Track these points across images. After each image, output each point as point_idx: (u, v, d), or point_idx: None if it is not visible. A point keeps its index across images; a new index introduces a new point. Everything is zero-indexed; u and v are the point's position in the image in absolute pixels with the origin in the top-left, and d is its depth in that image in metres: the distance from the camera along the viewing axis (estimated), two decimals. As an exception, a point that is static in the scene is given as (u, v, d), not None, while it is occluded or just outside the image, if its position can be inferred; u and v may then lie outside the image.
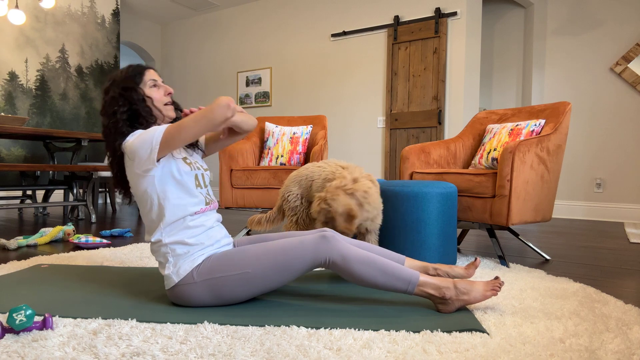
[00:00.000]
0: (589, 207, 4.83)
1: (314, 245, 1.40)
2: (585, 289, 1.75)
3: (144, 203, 1.46)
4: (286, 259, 1.40)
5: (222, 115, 1.38)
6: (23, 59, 4.94)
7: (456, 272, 1.69)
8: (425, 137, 4.92)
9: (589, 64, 4.86)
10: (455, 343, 1.16)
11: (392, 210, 2.11)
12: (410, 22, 5.00)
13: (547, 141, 2.32)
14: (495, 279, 1.46)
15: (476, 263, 1.70)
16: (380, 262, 1.40)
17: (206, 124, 1.38)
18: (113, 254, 2.36)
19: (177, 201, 1.43)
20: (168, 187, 1.43)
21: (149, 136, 1.39)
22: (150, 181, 1.42)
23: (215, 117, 1.37)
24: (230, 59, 6.59)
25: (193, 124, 1.37)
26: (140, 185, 1.44)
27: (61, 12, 5.29)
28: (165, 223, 1.43)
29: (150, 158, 1.38)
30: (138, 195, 1.47)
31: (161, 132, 1.38)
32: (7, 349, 1.09)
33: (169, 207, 1.42)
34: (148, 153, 1.38)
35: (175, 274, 1.41)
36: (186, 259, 1.42)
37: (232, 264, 1.40)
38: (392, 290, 1.40)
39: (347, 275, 1.40)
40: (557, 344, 1.17)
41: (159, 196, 1.42)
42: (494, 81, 5.55)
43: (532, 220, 2.32)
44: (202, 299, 1.41)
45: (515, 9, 5.38)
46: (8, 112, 4.80)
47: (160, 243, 1.43)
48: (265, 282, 1.41)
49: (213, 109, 1.38)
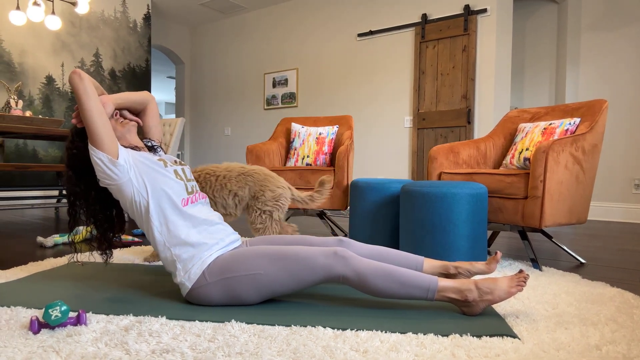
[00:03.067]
0: (627, 208, 4.64)
1: (326, 261, 1.38)
2: (622, 294, 1.68)
3: (136, 214, 1.50)
4: (298, 268, 1.39)
5: (73, 82, 1.43)
6: (59, 63, 5.13)
7: (477, 269, 1.63)
8: (453, 137, 4.83)
9: (626, 60, 4.67)
10: (485, 348, 1.13)
11: (420, 211, 2.08)
12: (439, 20, 4.92)
13: (582, 140, 2.24)
14: (520, 272, 1.39)
15: (497, 257, 1.62)
16: (396, 272, 1.36)
17: (78, 97, 1.44)
18: (144, 252, 2.41)
19: (155, 184, 1.48)
20: (145, 177, 1.49)
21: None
22: (127, 186, 1.48)
23: (71, 85, 1.44)
24: (257, 61, 6.66)
25: (88, 115, 1.44)
26: (125, 195, 1.49)
27: (95, 17, 5.46)
28: (155, 219, 1.46)
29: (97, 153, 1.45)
30: (129, 209, 1.52)
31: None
32: (42, 343, 1.13)
33: (152, 197, 1.47)
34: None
35: (187, 279, 1.42)
36: (194, 262, 1.43)
37: (244, 264, 1.40)
38: (412, 299, 1.37)
39: (364, 289, 1.38)
40: (592, 351, 1.13)
41: (140, 192, 1.47)
42: (526, 79, 5.41)
43: (566, 223, 2.24)
44: (219, 299, 1.42)
45: (547, 5, 5.23)
46: (45, 115, 4.99)
47: (165, 251, 1.46)
48: (275, 286, 1.40)
49: (81, 92, 1.44)
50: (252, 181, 2.18)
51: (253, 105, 6.71)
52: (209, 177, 2.15)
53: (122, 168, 1.45)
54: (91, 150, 1.44)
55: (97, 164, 1.44)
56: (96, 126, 1.43)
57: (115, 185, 1.48)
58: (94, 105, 1.44)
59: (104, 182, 1.49)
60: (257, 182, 2.18)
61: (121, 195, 1.50)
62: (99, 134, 1.43)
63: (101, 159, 1.43)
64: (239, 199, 2.18)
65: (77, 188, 1.56)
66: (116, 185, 1.47)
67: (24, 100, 4.85)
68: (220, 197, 2.16)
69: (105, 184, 1.49)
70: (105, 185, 1.50)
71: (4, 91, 4.67)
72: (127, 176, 1.46)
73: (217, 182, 2.15)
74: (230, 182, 2.16)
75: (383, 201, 2.46)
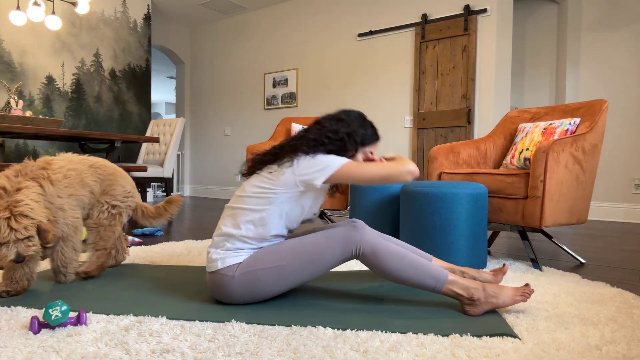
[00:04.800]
0: (627, 208, 4.64)
1: (344, 235, 1.41)
2: (623, 294, 1.68)
3: (256, 204, 1.45)
4: (317, 250, 1.41)
5: (403, 179, 1.40)
6: (59, 64, 5.13)
7: (484, 278, 1.65)
8: (454, 137, 4.83)
9: (627, 60, 4.67)
10: (485, 348, 1.13)
11: (420, 211, 2.08)
12: (439, 20, 4.92)
13: (582, 140, 2.24)
14: (526, 286, 1.42)
15: (504, 269, 1.66)
16: (409, 256, 1.40)
17: (383, 180, 1.40)
18: (144, 252, 2.41)
19: (280, 222, 1.46)
20: (288, 207, 1.45)
21: (327, 159, 1.42)
22: (283, 195, 1.44)
23: (397, 179, 1.40)
24: (257, 61, 6.66)
25: (372, 174, 1.40)
26: (272, 193, 1.44)
27: (95, 17, 5.46)
28: (257, 228, 1.43)
29: (315, 179, 1.40)
30: (255, 196, 1.46)
31: (340, 163, 1.41)
32: (43, 343, 1.13)
33: (274, 222, 1.44)
34: (317, 172, 1.40)
35: (222, 262, 1.42)
36: (239, 253, 1.44)
37: (269, 258, 1.42)
38: (420, 286, 1.39)
39: (376, 267, 1.40)
40: (593, 351, 1.13)
41: (275, 210, 1.43)
42: (526, 79, 5.41)
43: (566, 223, 2.24)
44: (235, 295, 1.42)
45: (548, 5, 5.23)
46: (45, 115, 4.99)
47: (240, 224, 1.43)
48: (298, 275, 1.43)
49: (400, 173, 1.39)
50: (102, 174, 1.87)
51: (253, 106, 6.71)
52: (70, 172, 1.75)
53: (299, 189, 1.47)
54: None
55: (314, 167, 1.45)
56: (357, 181, 1.45)
57: (283, 182, 1.47)
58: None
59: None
60: (106, 175, 1.88)
61: (270, 186, 1.49)
62: (345, 180, 1.45)
63: (318, 173, 1.43)
64: (94, 196, 1.85)
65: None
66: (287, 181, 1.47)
67: (24, 100, 4.85)
68: (81, 195, 1.77)
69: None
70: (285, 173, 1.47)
71: (4, 91, 4.67)
72: (288, 194, 1.46)
73: (78, 176, 1.77)
74: (87, 176, 1.80)
75: (383, 201, 2.46)
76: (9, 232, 1.43)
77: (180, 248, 2.53)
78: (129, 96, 5.80)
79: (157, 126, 4.99)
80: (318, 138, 1.48)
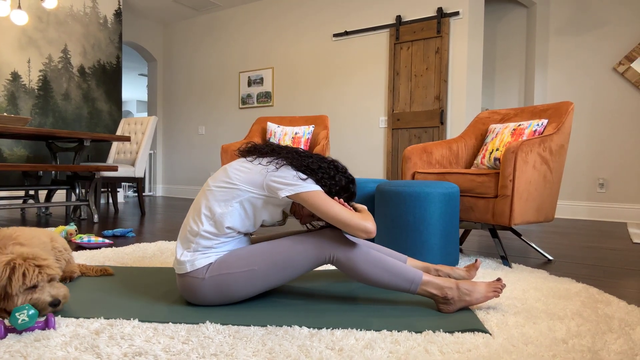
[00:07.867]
0: (592, 207, 4.81)
1: (318, 241, 1.41)
2: (588, 289, 1.75)
3: (218, 199, 1.44)
4: (290, 255, 1.41)
5: (357, 234, 1.39)
6: (25, 59, 4.96)
7: (457, 274, 1.69)
8: (427, 137, 4.91)
9: (592, 63, 4.85)
10: (457, 343, 1.16)
11: (394, 210, 2.11)
12: (412, 22, 4.99)
13: (549, 141, 2.31)
14: (497, 281, 1.46)
15: (477, 265, 1.70)
16: (384, 260, 1.41)
17: (339, 223, 1.39)
18: (115, 254, 2.36)
19: (241, 221, 1.45)
20: (248, 206, 1.44)
21: (303, 181, 1.42)
22: (246, 192, 1.42)
23: (351, 229, 1.38)
24: (232, 59, 6.60)
25: (334, 212, 1.38)
26: (239, 195, 1.43)
27: (63, 12, 5.30)
28: (216, 223, 1.42)
29: (280, 190, 1.39)
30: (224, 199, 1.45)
31: (312, 188, 1.40)
32: (9, 348, 1.09)
33: (233, 220, 1.43)
34: (287, 186, 1.39)
35: (191, 264, 1.41)
36: (208, 253, 1.42)
37: (240, 261, 1.41)
38: (395, 289, 1.41)
39: (351, 272, 1.41)
40: (559, 345, 1.17)
41: (235, 207, 1.42)
42: (497, 81, 5.54)
43: (534, 221, 2.31)
44: (206, 297, 1.41)
45: (517, 9, 5.37)
46: (11, 112, 4.81)
47: (205, 224, 1.42)
48: (270, 279, 1.42)
49: (357, 226, 1.37)
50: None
51: (228, 104, 6.65)
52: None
53: (267, 195, 1.46)
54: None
55: (286, 179, 1.44)
56: (316, 211, 1.43)
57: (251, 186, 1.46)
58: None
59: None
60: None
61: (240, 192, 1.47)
62: (306, 204, 1.43)
63: (287, 185, 1.43)
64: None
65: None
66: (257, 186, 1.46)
67: (-13, 97, 4.67)
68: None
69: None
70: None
71: (-35, 87, 4.48)
72: (257, 198, 1.46)
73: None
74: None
75: (358, 201, 2.48)
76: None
77: (152, 249, 2.49)
78: (98, 94, 5.66)
79: (129, 124, 4.88)
80: (313, 167, 1.49)
